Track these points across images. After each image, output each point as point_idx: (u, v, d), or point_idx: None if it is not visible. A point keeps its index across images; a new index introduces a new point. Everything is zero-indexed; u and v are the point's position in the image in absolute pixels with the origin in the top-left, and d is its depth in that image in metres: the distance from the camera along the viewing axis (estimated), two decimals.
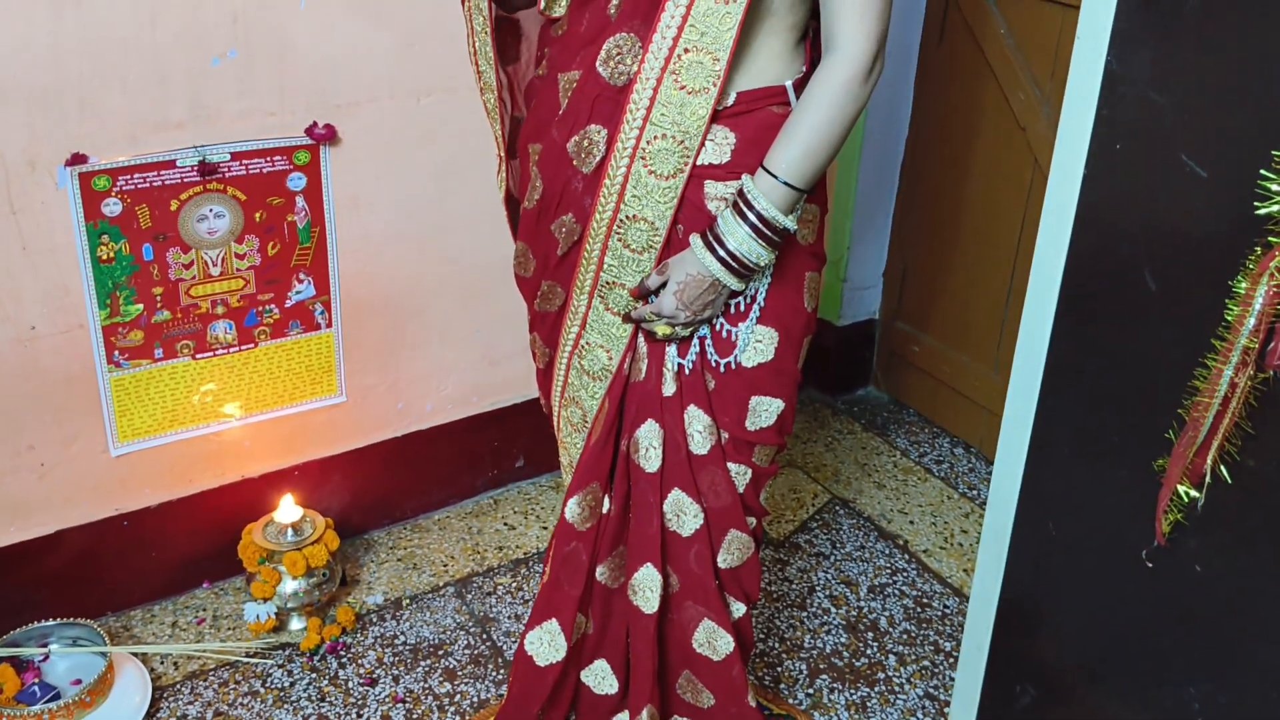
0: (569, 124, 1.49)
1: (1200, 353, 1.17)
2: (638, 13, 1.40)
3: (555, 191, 1.53)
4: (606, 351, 1.58)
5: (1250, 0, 1.10)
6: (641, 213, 1.46)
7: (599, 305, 1.55)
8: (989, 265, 2.70)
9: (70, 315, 1.98)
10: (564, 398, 1.68)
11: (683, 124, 1.41)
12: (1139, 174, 1.24)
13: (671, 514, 1.61)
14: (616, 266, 1.51)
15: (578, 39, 1.48)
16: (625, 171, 1.44)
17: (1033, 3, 2.44)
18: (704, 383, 1.56)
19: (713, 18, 1.36)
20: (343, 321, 2.26)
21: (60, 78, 1.83)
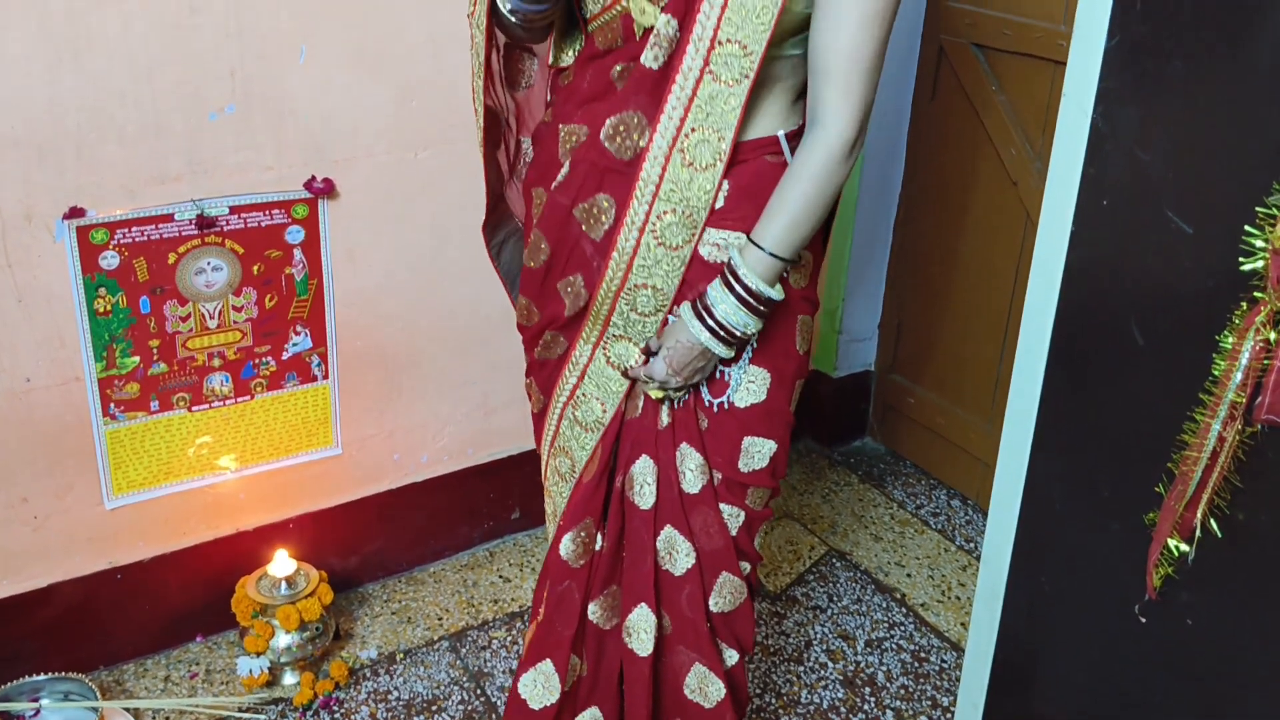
0: (574, 190, 1.51)
1: (1189, 406, 1.18)
2: (643, 89, 1.42)
3: (563, 253, 1.55)
4: (601, 404, 1.59)
5: (1232, 60, 1.11)
6: (650, 280, 1.49)
7: (601, 358, 1.57)
8: (983, 318, 2.72)
9: (66, 368, 1.98)
10: (554, 447, 1.69)
11: (690, 199, 1.45)
12: (1126, 230, 1.25)
13: (664, 551, 1.61)
14: (622, 325, 1.54)
15: (581, 93, 1.51)
16: (635, 243, 1.47)
17: (1024, 60, 2.47)
18: (696, 421, 1.57)
19: (718, 100, 1.39)
20: (339, 373, 2.27)
21: (58, 131, 1.85)
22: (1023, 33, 2.44)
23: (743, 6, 1.34)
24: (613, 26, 1.44)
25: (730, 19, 1.35)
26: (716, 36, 1.36)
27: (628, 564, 1.64)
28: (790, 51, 1.45)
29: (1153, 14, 1.17)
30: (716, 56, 1.37)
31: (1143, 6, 1.18)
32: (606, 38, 1.46)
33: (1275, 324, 1.08)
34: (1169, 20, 1.16)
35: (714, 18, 1.36)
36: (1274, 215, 1.07)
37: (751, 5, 1.34)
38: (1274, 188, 1.07)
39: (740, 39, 1.36)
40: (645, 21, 1.40)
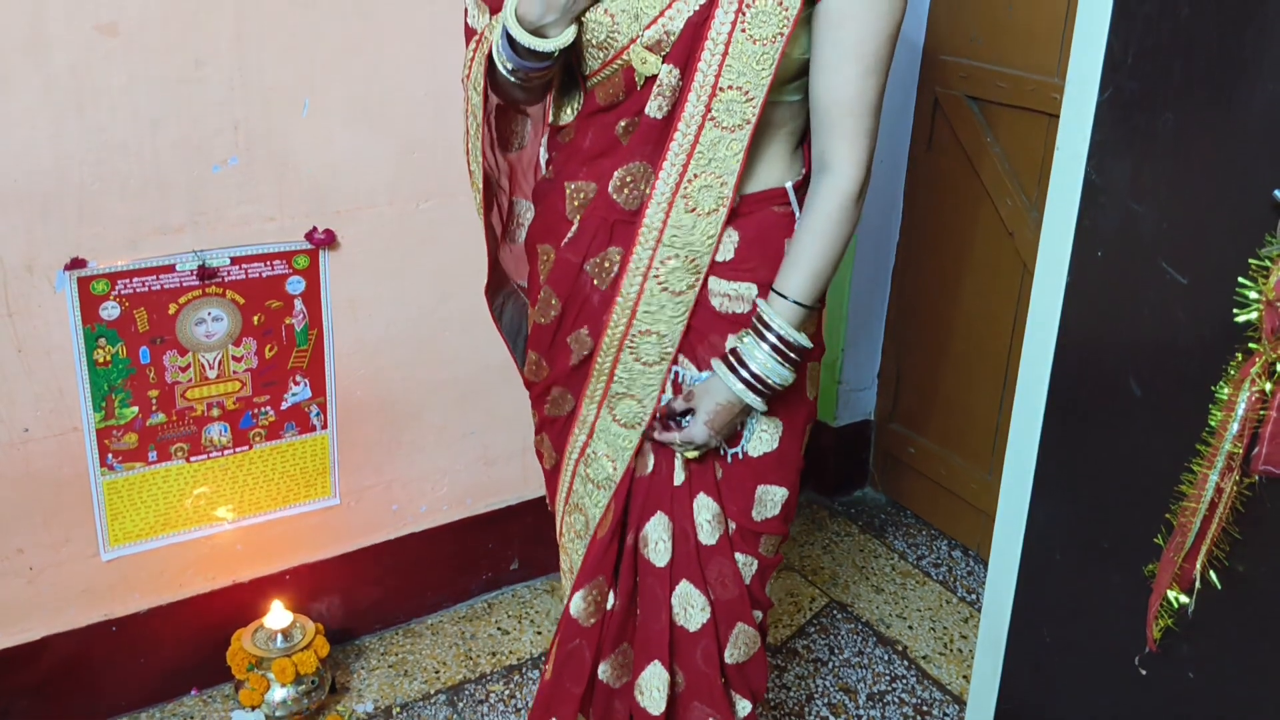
0: (584, 246, 1.52)
1: (1186, 458, 1.18)
2: (649, 140, 1.44)
3: (574, 309, 1.56)
4: (611, 462, 1.59)
5: (1223, 113, 1.12)
6: (654, 327, 1.49)
7: (607, 415, 1.57)
8: (982, 368, 2.72)
9: (64, 418, 1.98)
10: (568, 504, 1.68)
11: (693, 244, 1.46)
12: (1121, 281, 1.26)
13: (679, 608, 1.60)
14: (627, 379, 1.54)
15: (584, 151, 1.52)
16: (639, 289, 1.48)
17: (1018, 112, 2.49)
18: (713, 471, 1.57)
19: (720, 145, 1.40)
20: (338, 423, 2.27)
21: (61, 184, 1.87)
22: (1017, 85, 2.47)
23: (743, 54, 1.36)
24: (614, 81, 1.46)
25: (731, 65, 1.37)
26: (718, 83, 1.38)
27: (641, 621, 1.63)
28: (789, 97, 1.46)
29: (1143, 69, 1.19)
30: (718, 103, 1.39)
31: (1134, 62, 1.19)
32: (608, 93, 1.48)
33: (1270, 375, 1.08)
34: (1160, 75, 1.17)
35: (715, 65, 1.37)
36: (1267, 267, 1.07)
37: (752, 52, 1.36)
38: (1266, 239, 1.08)
39: (741, 85, 1.38)
40: (647, 71, 1.41)
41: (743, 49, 1.36)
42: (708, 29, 1.37)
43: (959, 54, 2.61)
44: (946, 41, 2.64)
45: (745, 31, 1.36)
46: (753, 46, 1.36)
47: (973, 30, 2.57)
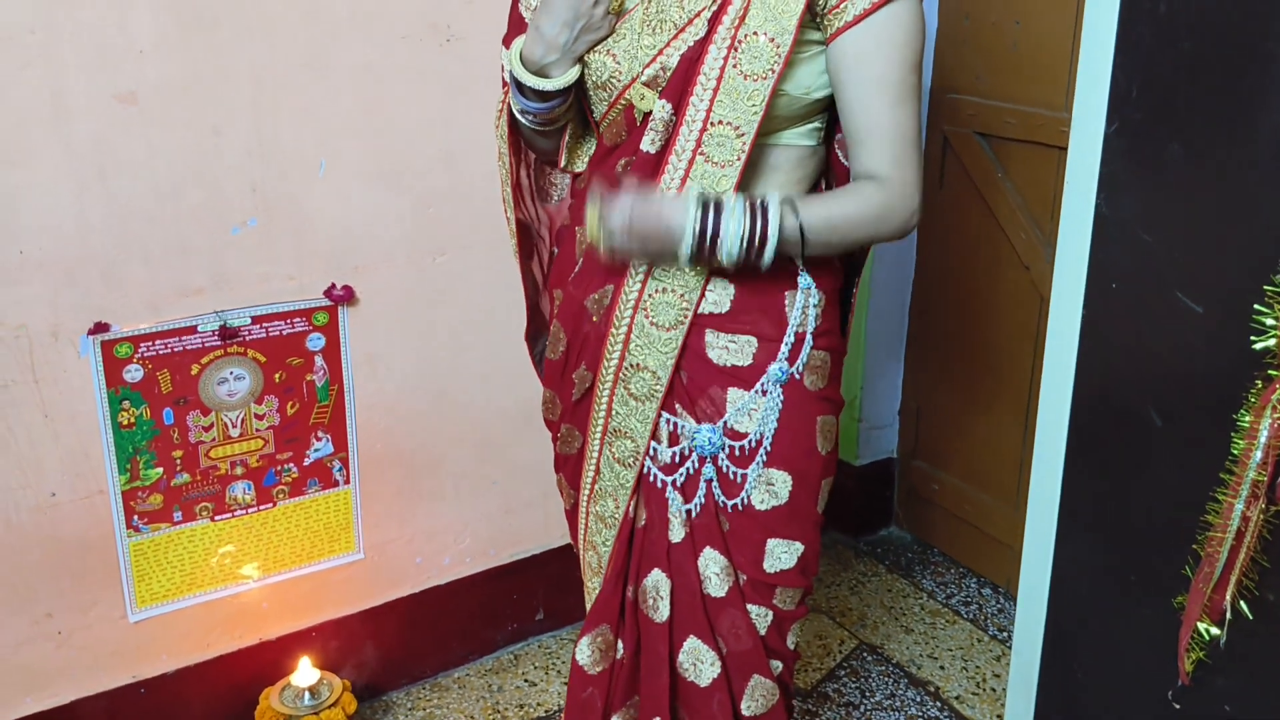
0: (585, 281, 1.54)
1: (1211, 487, 1.17)
2: (643, 175, 1.45)
3: (577, 344, 1.57)
4: (614, 500, 1.59)
5: (1230, 142, 1.13)
6: (644, 362, 1.49)
7: (608, 452, 1.57)
8: (1003, 402, 2.71)
9: (90, 481, 2.00)
10: (585, 542, 1.68)
11: (682, 277, 1.45)
12: (1137, 312, 1.26)
13: (688, 664, 1.58)
14: (623, 414, 1.53)
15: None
16: (629, 322, 1.48)
17: (1028, 147, 2.50)
18: (718, 524, 1.55)
19: (710, 180, 1.41)
20: (360, 477, 2.28)
21: (84, 250, 1.90)
22: (1025, 121, 2.48)
23: (735, 90, 1.37)
24: (618, 122, 1.48)
25: (722, 101, 1.38)
26: (709, 118, 1.39)
27: (644, 677, 1.61)
28: (791, 141, 1.47)
29: (1149, 101, 1.20)
30: (709, 137, 1.40)
31: (1138, 94, 1.20)
32: (613, 133, 1.49)
33: None
34: (1165, 107, 1.18)
35: (706, 100, 1.39)
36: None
37: (743, 88, 1.37)
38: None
39: (732, 120, 1.39)
40: (644, 107, 1.43)
41: (734, 85, 1.37)
42: (700, 64, 1.39)
43: (966, 92, 2.63)
44: (953, 80, 2.66)
45: (737, 67, 1.37)
46: (744, 83, 1.37)
47: (979, 68, 2.59)
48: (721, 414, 1.51)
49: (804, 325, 1.50)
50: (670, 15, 1.42)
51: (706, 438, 1.51)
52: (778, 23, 1.36)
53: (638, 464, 1.54)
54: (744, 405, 1.50)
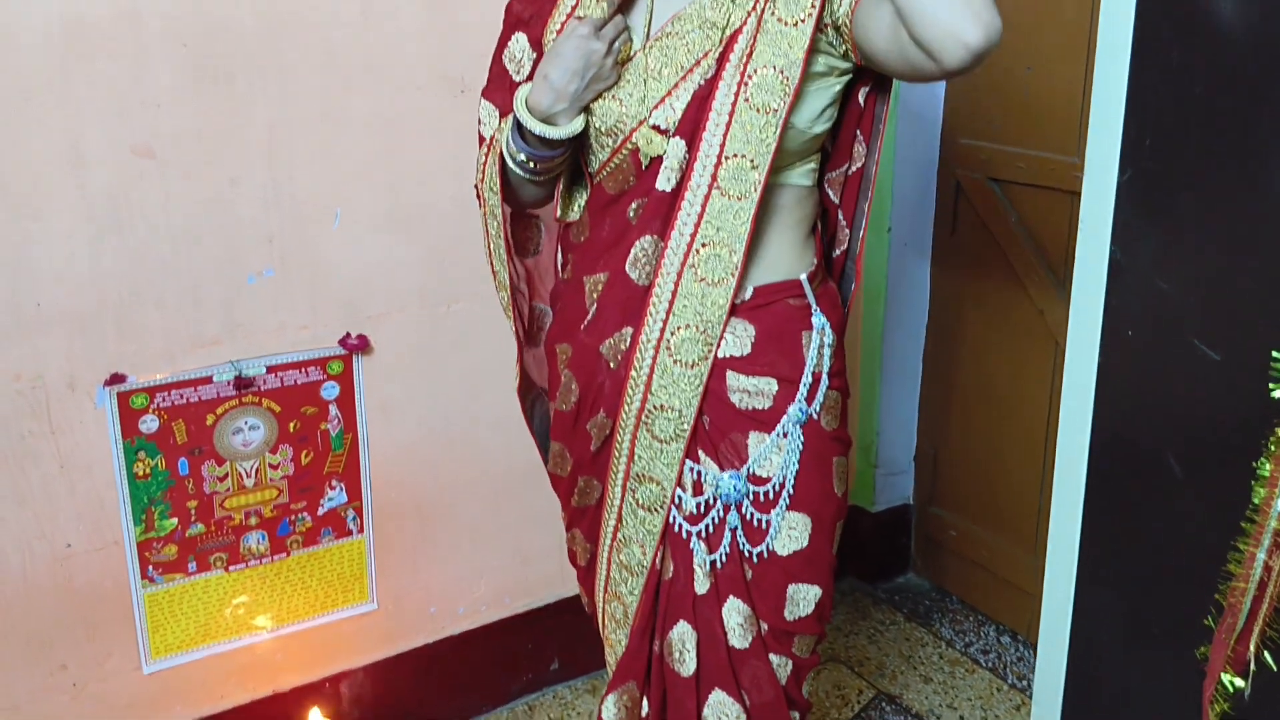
0: (600, 328, 1.53)
1: (1232, 536, 1.16)
2: (657, 214, 1.45)
3: (591, 393, 1.56)
4: (641, 546, 1.58)
5: (1245, 190, 1.13)
6: (668, 402, 1.48)
7: (631, 500, 1.56)
8: (1019, 446, 2.69)
9: (105, 532, 2.00)
10: (607, 593, 1.66)
11: (704, 314, 1.45)
12: (1153, 359, 1.25)
13: (713, 718, 1.57)
14: (647, 458, 1.52)
15: (601, 243, 1.53)
16: (651, 362, 1.47)
17: (1040, 191, 2.51)
18: (742, 573, 1.54)
19: (726, 214, 1.41)
20: (374, 527, 2.27)
21: (100, 301, 1.91)
22: (1037, 166, 2.49)
23: (747, 123, 1.38)
24: (624, 167, 1.48)
25: (735, 135, 1.39)
26: (723, 152, 1.40)
27: None
28: (794, 181, 1.48)
29: (1162, 149, 1.20)
30: (723, 171, 1.40)
31: (1151, 142, 1.20)
32: (618, 181, 1.50)
33: None
34: (1178, 155, 1.18)
35: (719, 135, 1.40)
36: None
37: (755, 120, 1.38)
38: None
39: (746, 153, 1.39)
40: (653, 151, 1.44)
41: (746, 118, 1.38)
42: (712, 101, 1.40)
43: (978, 137, 2.64)
44: (965, 125, 2.67)
45: (748, 101, 1.38)
46: (756, 115, 1.38)
47: (991, 114, 2.60)
48: (744, 460, 1.50)
49: (820, 365, 1.51)
50: (677, 58, 1.44)
51: (730, 485, 1.51)
52: (786, 55, 1.38)
53: (664, 508, 1.53)
54: (765, 449, 1.50)
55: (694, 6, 1.45)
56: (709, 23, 1.43)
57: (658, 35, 1.46)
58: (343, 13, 2.01)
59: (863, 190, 1.57)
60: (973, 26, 1.22)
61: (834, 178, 1.57)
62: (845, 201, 1.59)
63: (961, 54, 1.23)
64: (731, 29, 1.41)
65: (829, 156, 1.57)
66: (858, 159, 1.55)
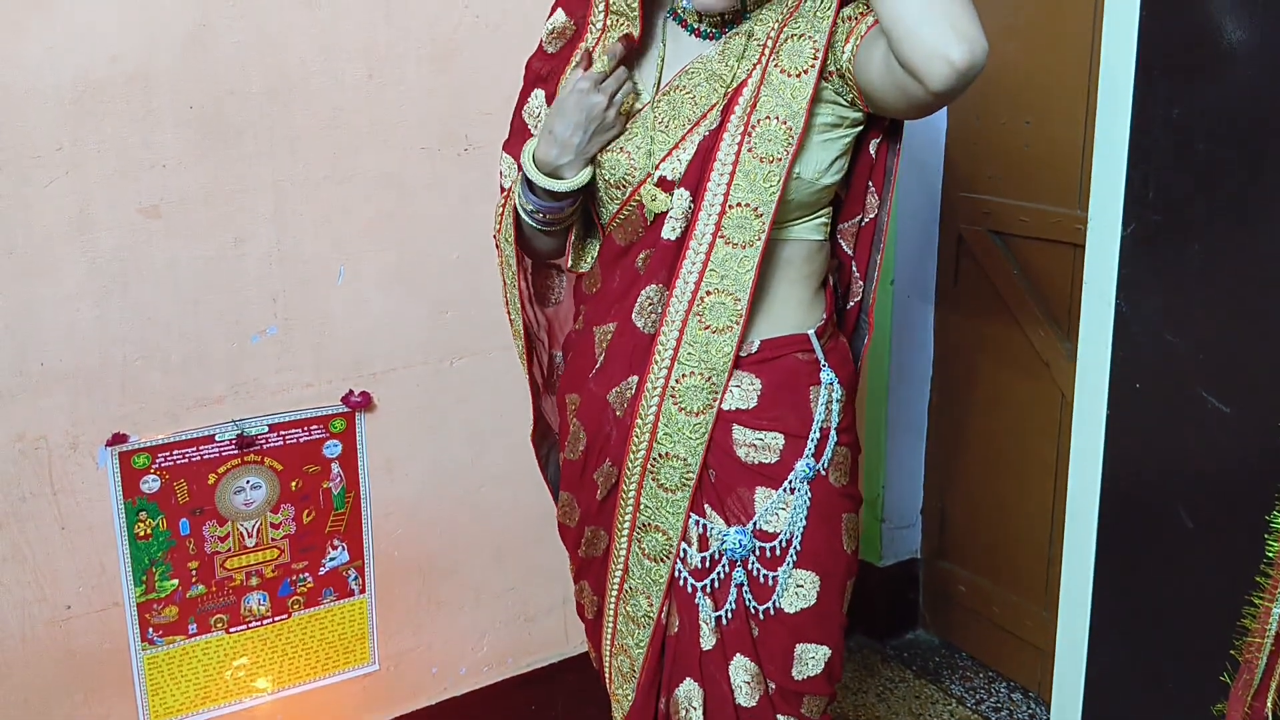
0: (608, 376, 1.53)
1: (1246, 590, 1.14)
2: (664, 264, 1.46)
3: (599, 442, 1.55)
4: (647, 597, 1.56)
5: (1250, 243, 1.13)
6: (674, 450, 1.48)
7: (637, 550, 1.55)
8: (1028, 499, 2.67)
9: (105, 594, 1.98)
10: (614, 645, 1.64)
11: (709, 361, 1.45)
12: (1162, 412, 1.24)
13: None
14: (653, 507, 1.51)
15: (611, 294, 1.54)
16: (656, 410, 1.47)
17: (1043, 244, 2.51)
18: (749, 630, 1.52)
19: (731, 261, 1.42)
20: (376, 586, 2.25)
21: (105, 362, 1.91)
22: (1039, 218, 2.50)
23: (751, 173, 1.39)
24: (632, 220, 1.49)
25: (739, 184, 1.40)
26: (727, 201, 1.41)
27: None
28: (802, 235, 1.48)
29: (1166, 203, 1.20)
30: (728, 220, 1.41)
31: (1155, 197, 1.20)
32: (627, 233, 1.51)
33: None
34: (1183, 208, 1.18)
35: (724, 185, 1.41)
36: None
37: (759, 170, 1.39)
38: None
39: (750, 202, 1.40)
40: (657, 208, 1.45)
41: (750, 168, 1.39)
42: (716, 152, 1.41)
43: (979, 190, 2.65)
44: (966, 179, 2.68)
45: (752, 151, 1.39)
46: (759, 165, 1.39)
47: (991, 167, 2.61)
48: (750, 515, 1.49)
49: (828, 421, 1.50)
50: (684, 111, 1.45)
51: (736, 540, 1.49)
52: (789, 106, 1.39)
53: (671, 558, 1.52)
54: (772, 505, 1.49)
55: (701, 61, 1.47)
56: (715, 76, 1.45)
57: (665, 89, 1.48)
58: (349, 76, 2.03)
59: (875, 242, 1.58)
60: (956, 45, 1.21)
61: (847, 229, 1.58)
62: (859, 252, 1.59)
63: (946, 72, 1.22)
64: (736, 82, 1.42)
65: (841, 209, 1.57)
66: (870, 210, 1.56)
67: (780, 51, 1.41)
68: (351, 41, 2.02)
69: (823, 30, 1.40)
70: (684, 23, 1.49)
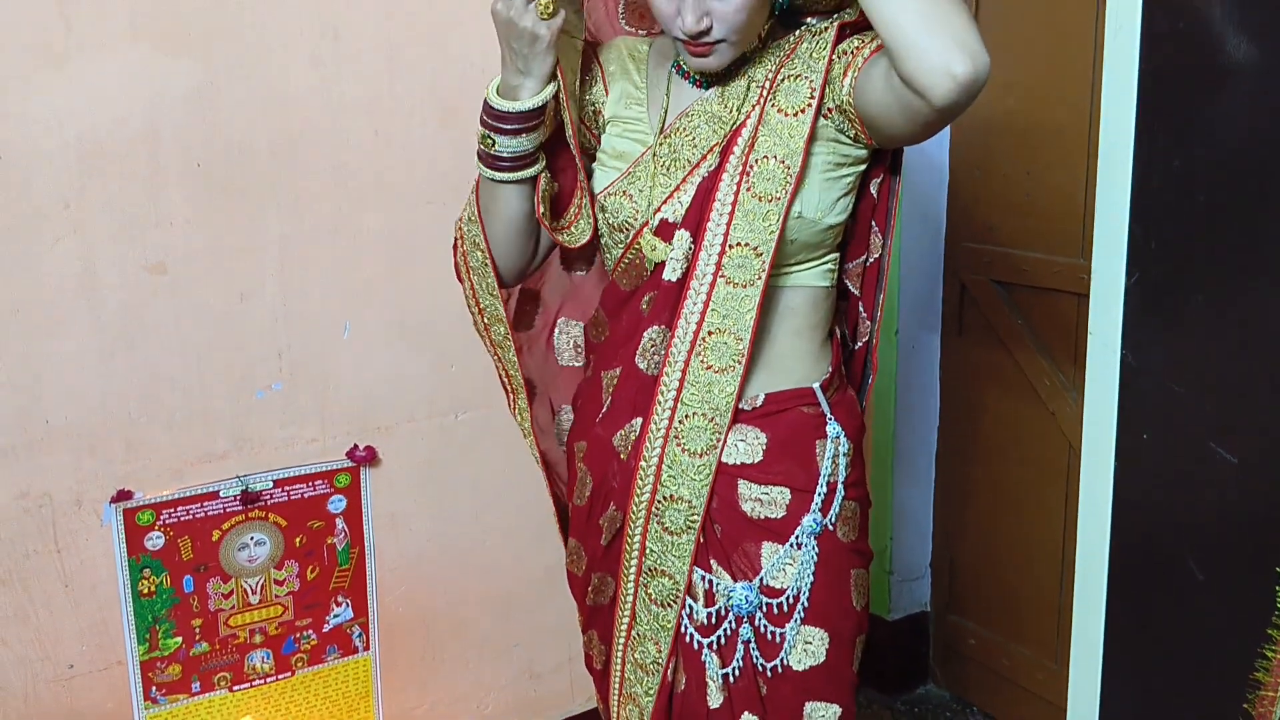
0: (613, 420, 1.53)
1: (1258, 643, 1.13)
2: (666, 306, 1.46)
3: (604, 488, 1.55)
4: (655, 644, 1.54)
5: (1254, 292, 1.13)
6: (678, 492, 1.47)
7: (644, 594, 1.53)
8: (1037, 551, 2.65)
9: (109, 652, 1.97)
10: (622, 694, 1.62)
11: (712, 402, 1.44)
12: (1170, 463, 1.23)
13: None
14: (658, 551, 1.50)
15: (618, 339, 1.54)
16: (660, 452, 1.46)
17: (1046, 294, 2.51)
18: (756, 688, 1.51)
19: (732, 301, 1.42)
20: (380, 643, 2.23)
21: (109, 419, 1.91)
22: (1041, 268, 2.50)
23: (750, 212, 1.40)
24: (636, 265, 1.49)
25: (739, 224, 1.40)
26: (727, 240, 1.41)
27: None
28: (807, 282, 1.48)
29: (1168, 253, 1.20)
30: (728, 260, 1.41)
31: (1157, 247, 1.21)
32: (631, 277, 1.51)
33: None
34: (1186, 258, 1.18)
35: (723, 224, 1.41)
36: None
37: (757, 209, 1.40)
38: None
39: (750, 241, 1.40)
40: (656, 257, 1.46)
41: (749, 207, 1.40)
42: (715, 192, 1.41)
43: (981, 240, 2.66)
44: (968, 229, 2.69)
45: (750, 190, 1.40)
46: (758, 204, 1.40)
47: (993, 218, 2.62)
48: (757, 570, 1.48)
49: (835, 475, 1.49)
50: (683, 153, 1.46)
51: (743, 596, 1.48)
52: (786, 145, 1.40)
53: (678, 603, 1.50)
54: (779, 560, 1.47)
55: (701, 104, 1.48)
56: (715, 119, 1.46)
57: (667, 132, 1.49)
58: (355, 133, 2.05)
59: (880, 281, 1.58)
60: (959, 57, 1.21)
61: (853, 269, 1.58)
62: (865, 292, 1.59)
63: (949, 85, 1.22)
64: (735, 124, 1.44)
65: (847, 251, 1.58)
66: (875, 250, 1.56)
67: (778, 92, 1.42)
68: (357, 99, 2.04)
69: (818, 70, 1.41)
70: (686, 75, 1.51)
